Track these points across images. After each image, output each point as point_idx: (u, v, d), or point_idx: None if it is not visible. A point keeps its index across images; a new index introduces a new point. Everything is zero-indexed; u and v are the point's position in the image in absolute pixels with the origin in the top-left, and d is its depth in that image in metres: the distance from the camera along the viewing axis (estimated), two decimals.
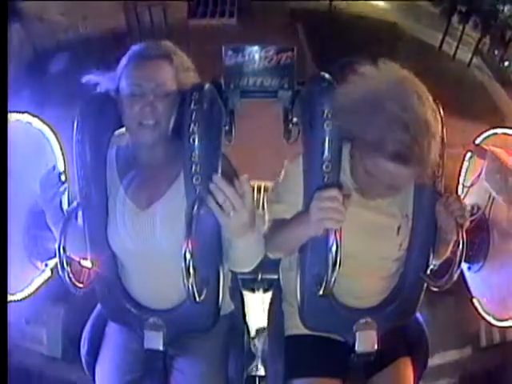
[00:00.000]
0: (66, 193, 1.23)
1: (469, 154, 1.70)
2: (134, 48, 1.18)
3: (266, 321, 1.47)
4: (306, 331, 1.29)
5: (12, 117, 1.39)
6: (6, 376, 1.06)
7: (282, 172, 1.25)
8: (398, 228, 1.19)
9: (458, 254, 1.16)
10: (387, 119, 0.98)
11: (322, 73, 1.18)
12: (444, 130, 1.12)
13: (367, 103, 1.01)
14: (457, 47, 5.26)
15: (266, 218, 1.26)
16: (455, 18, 5.42)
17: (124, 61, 1.17)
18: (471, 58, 5.17)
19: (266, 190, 2.09)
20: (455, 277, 1.18)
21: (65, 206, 1.25)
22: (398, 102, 0.99)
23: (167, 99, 1.13)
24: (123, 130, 1.23)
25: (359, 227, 1.16)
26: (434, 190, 1.18)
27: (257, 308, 2.09)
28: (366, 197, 1.16)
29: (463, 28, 5.25)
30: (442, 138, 1.12)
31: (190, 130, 1.10)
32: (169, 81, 1.14)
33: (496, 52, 5.13)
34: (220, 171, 1.15)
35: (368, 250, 1.18)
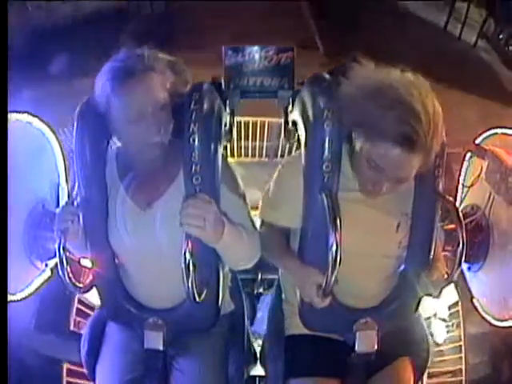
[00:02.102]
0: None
1: (469, 154, 1.70)
2: (114, 65, 1.10)
3: (266, 321, 1.47)
4: (306, 331, 1.30)
5: (12, 117, 1.39)
6: (7, 376, 1.06)
7: (276, 175, 1.26)
8: (398, 225, 1.19)
9: (458, 253, 1.16)
10: (393, 100, 0.99)
11: (322, 73, 1.19)
12: (444, 129, 1.12)
13: (369, 90, 1.02)
14: (462, 26, 5.22)
15: (259, 220, 1.28)
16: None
17: (107, 82, 1.09)
18: (477, 39, 5.14)
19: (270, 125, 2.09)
20: (455, 276, 1.18)
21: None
22: (402, 88, 1.00)
23: (164, 110, 1.11)
24: None
25: (358, 224, 1.16)
26: (434, 190, 1.18)
27: (257, 308, 2.09)
28: (369, 195, 1.15)
29: (468, 5, 5.21)
30: (443, 140, 1.12)
31: (190, 130, 1.10)
32: (160, 92, 1.11)
33: (501, 36, 5.09)
34: (220, 171, 1.15)
35: (368, 247, 1.18)
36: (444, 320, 2.23)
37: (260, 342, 1.50)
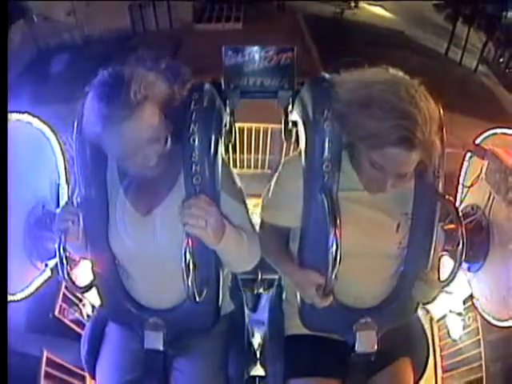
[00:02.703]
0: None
1: (469, 154, 1.69)
2: (103, 110, 0.99)
3: (266, 321, 1.47)
4: (306, 331, 1.30)
5: (12, 117, 1.39)
6: (7, 378, 1.06)
7: (276, 175, 1.26)
8: (398, 226, 1.19)
9: (458, 253, 1.16)
10: (385, 110, 1.00)
11: (322, 73, 1.18)
12: (443, 129, 1.12)
13: (364, 100, 1.02)
14: (463, 51, 5.29)
15: (260, 220, 1.28)
16: (459, 24, 5.44)
17: (97, 127, 1.01)
18: (477, 64, 5.20)
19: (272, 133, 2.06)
20: (455, 276, 1.18)
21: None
22: (393, 93, 1.00)
23: (161, 135, 1.07)
24: None
25: (358, 223, 1.16)
26: (434, 190, 1.18)
27: (257, 308, 2.09)
28: (371, 191, 1.15)
29: (468, 30, 5.27)
30: (442, 137, 1.12)
31: (190, 130, 1.10)
32: (156, 120, 1.04)
33: (501, 59, 5.14)
34: (220, 171, 1.15)
35: (368, 247, 1.18)
36: (460, 314, 2.22)
37: (261, 332, 1.50)
